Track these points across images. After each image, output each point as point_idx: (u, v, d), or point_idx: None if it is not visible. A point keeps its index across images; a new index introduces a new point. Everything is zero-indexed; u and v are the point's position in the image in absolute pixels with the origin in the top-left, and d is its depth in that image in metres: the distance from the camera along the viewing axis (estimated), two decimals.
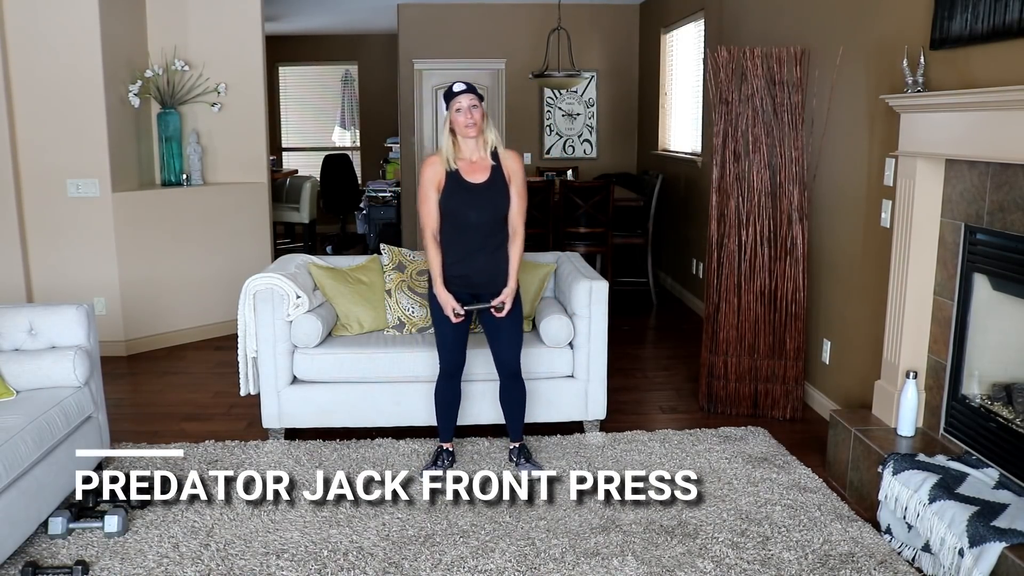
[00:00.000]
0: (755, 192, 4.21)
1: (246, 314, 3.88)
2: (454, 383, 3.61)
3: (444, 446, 3.68)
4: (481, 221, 3.39)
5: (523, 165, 3.52)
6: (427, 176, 3.42)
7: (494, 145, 3.44)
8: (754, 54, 4.16)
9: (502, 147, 3.46)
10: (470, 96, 3.34)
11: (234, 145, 5.90)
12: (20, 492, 2.81)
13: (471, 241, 3.42)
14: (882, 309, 3.60)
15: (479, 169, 3.41)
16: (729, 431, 4.06)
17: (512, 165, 3.44)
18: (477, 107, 3.35)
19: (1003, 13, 2.86)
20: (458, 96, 3.34)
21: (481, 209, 3.39)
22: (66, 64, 5.06)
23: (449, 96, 3.37)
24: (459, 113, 3.34)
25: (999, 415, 3.04)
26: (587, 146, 8.89)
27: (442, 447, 3.68)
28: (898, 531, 2.99)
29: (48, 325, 3.40)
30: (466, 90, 3.35)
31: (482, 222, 3.39)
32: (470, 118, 3.33)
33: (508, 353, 3.57)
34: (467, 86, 3.38)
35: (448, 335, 3.51)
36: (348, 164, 10.37)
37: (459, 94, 3.34)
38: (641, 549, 2.96)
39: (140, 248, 5.40)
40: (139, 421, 4.27)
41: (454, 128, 3.37)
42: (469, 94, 3.35)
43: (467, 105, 3.33)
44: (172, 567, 2.84)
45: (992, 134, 2.87)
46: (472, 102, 3.34)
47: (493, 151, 3.43)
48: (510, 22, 8.54)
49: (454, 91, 3.36)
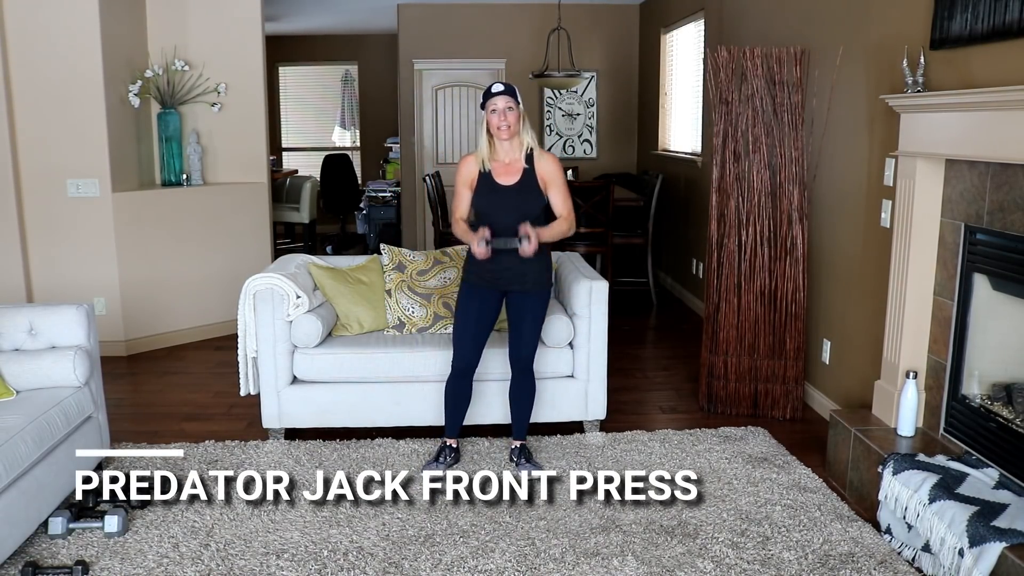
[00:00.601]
0: (755, 192, 4.21)
1: (246, 314, 3.88)
2: (467, 381, 3.60)
3: (448, 442, 3.67)
4: (509, 223, 3.38)
5: (559, 164, 3.51)
6: (462, 174, 3.49)
7: (529, 147, 3.44)
8: (754, 54, 4.16)
9: (538, 149, 3.47)
10: (506, 98, 3.35)
11: (234, 145, 5.90)
12: (20, 492, 2.81)
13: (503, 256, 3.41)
14: (882, 309, 3.60)
15: (512, 172, 3.43)
16: (729, 431, 4.06)
17: (547, 167, 3.45)
18: (513, 110, 3.36)
19: (1003, 13, 2.86)
20: (494, 97, 3.36)
21: (509, 212, 3.40)
22: (66, 64, 5.06)
23: (487, 96, 3.39)
24: (494, 114, 3.36)
25: (999, 415, 3.04)
26: (587, 146, 8.89)
27: (446, 443, 3.67)
28: (898, 531, 2.99)
29: (48, 325, 3.40)
30: (503, 91, 3.36)
31: (510, 224, 3.38)
32: (503, 120, 3.35)
33: (526, 347, 3.55)
34: (505, 87, 3.38)
35: (470, 327, 3.51)
36: (348, 164, 10.37)
37: (496, 95, 3.36)
38: (641, 549, 2.96)
39: (140, 248, 5.40)
40: (139, 421, 4.27)
41: (489, 129, 3.40)
42: (505, 96, 3.35)
43: (502, 107, 3.35)
44: (172, 567, 2.84)
45: (992, 134, 2.87)
46: (508, 104, 3.35)
47: (528, 153, 3.44)
48: (510, 22, 8.54)
49: (491, 92, 3.37)
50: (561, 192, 3.47)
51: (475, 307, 3.52)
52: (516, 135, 3.42)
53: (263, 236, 6.04)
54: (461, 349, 3.55)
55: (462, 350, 3.55)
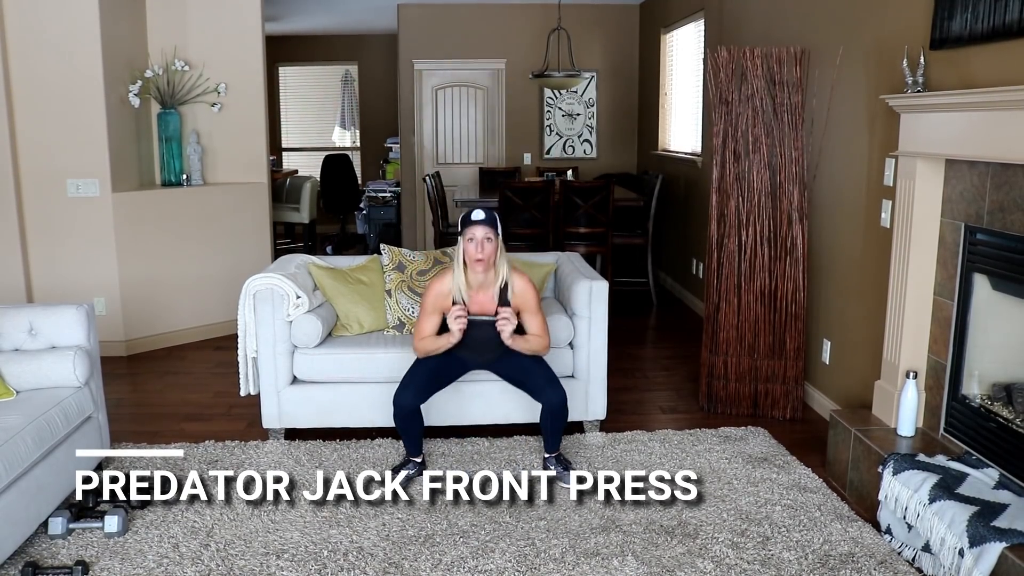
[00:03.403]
0: (755, 192, 4.21)
1: (246, 314, 3.88)
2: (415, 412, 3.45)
3: (413, 459, 3.57)
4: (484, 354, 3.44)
5: (535, 291, 3.43)
6: (433, 297, 3.39)
7: (504, 280, 3.37)
8: (754, 54, 4.16)
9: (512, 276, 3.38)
10: (485, 228, 3.24)
11: (234, 145, 5.90)
12: (20, 492, 2.81)
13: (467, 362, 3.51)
14: (882, 309, 3.60)
15: (486, 303, 3.37)
16: (729, 431, 4.06)
17: (522, 298, 3.38)
18: (491, 241, 3.25)
19: (1003, 13, 2.86)
20: (473, 226, 3.25)
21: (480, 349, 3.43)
22: (66, 64, 5.06)
23: (465, 223, 3.28)
24: (471, 243, 3.26)
25: (999, 415, 3.04)
26: (587, 146, 8.89)
27: (411, 460, 3.57)
28: (898, 531, 2.99)
29: (48, 325, 3.40)
30: (483, 220, 3.25)
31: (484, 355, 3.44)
32: (480, 251, 3.25)
33: (553, 390, 3.41)
34: (486, 216, 3.26)
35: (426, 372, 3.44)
36: (348, 164, 10.37)
37: (475, 224, 3.25)
38: (641, 549, 2.96)
39: (140, 248, 5.40)
40: (139, 421, 4.27)
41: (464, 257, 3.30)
42: (484, 226, 3.24)
43: (480, 237, 3.24)
44: (172, 567, 2.84)
45: (992, 134, 2.87)
46: (487, 235, 3.24)
47: (503, 286, 3.37)
48: (510, 22, 8.54)
49: (471, 219, 3.26)
50: (536, 318, 3.42)
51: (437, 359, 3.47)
52: (491, 267, 3.32)
53: (263, 236, 6.04)
54: (404, 392, 3.40)
55: (414, 388, 3.41)
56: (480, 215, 3.27)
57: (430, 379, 3.47)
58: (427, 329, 3.42)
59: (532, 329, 3.44)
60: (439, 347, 3.40)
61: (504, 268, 3.37)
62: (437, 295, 3.39)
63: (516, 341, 3.39)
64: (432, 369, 3.47)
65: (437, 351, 3.42)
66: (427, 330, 3.42)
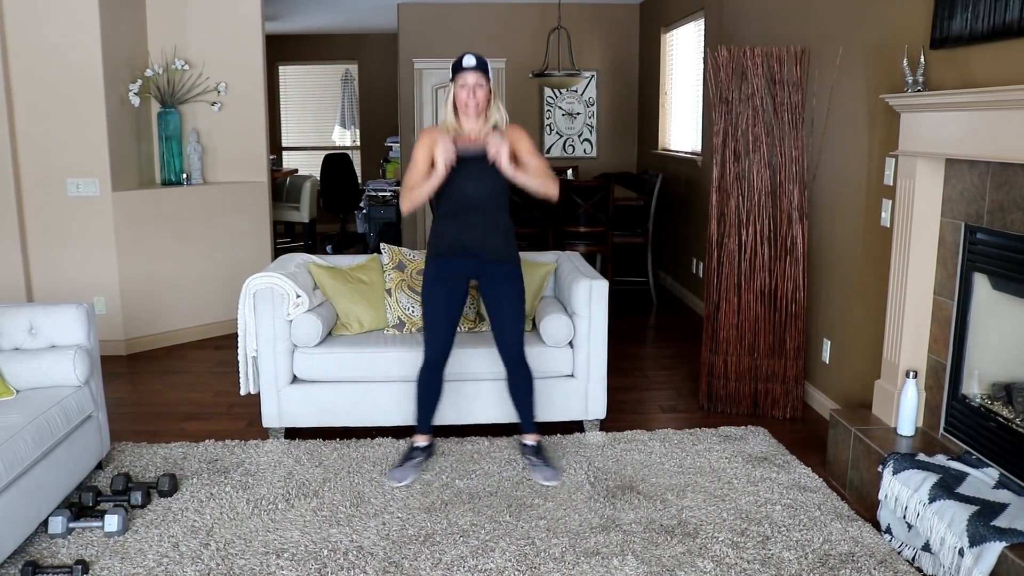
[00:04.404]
0: (755, 192, 4.21)
1: (246, 313, 3.88)
2: (438, 374, 3.45)
3: (420, 443, 3.57)
4: (478, 194, 3.23)
5: (527, 134, 3.32)
6: (423, 144, 3.24)
7: (496, 123, 3.27)
8: (754, 54, 4.16)
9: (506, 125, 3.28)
10: (476, 74, 3.16)
11: (234, 144, 5.90)
12: (20, 491, 2.81)
13: (467, 217, 3.28)
14: (882, 309, 3.60)
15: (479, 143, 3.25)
16: (729, 431, 4.06)
17: (514, 136, 3.25)
18: (483, 87, 3.18)
19: (1003, 13, 2.86)
20: (464, 72, 3.16)
21: (477, 181, 3.21)
22: (66, 64, 5.06)
23: (456, 69, 3.20)
24: (462, 90, 3.18)
25: (999, 415, 3.04)
26: (587, 145, 8.89)
27: (416, 445, 3.57)
28: (898, 531, 2.99)
29: (48, 324, 3.40)
30: (474, 66, 3.17)
31: (479, 195, 3.23)
32: (472, 97, 3.17)
33: (511, 334, 3.39)
34: (477, 61, 3.18)
35: (440, 313, 3.36)
36: (348, 164, 10.36)
37: (466, 70, 3.16)
38: (641, 549, 2.96)
39: (140, 248, 5.40)
40: (139, 421, 4.27)
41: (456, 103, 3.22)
42: (476, 72, 3.16)
43: (472, 83, 3.17)
44: (172, 567, 2.84)
45: (992, 134, 2.87)
46: (478, 80, 3.17)
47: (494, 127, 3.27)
48: (510, 22, 8.54)
49: (462, 65, 3.18)
50: (532, 152, 3.26)
51: (442, 292, 3.36)
52: (484, 113, 3.23)
53: (263, 235, 6.04)
54: (434, 337, 3.36)
55: (435, 338, 3.36)
56: (471, 60, 3.18)
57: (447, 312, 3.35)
58: (415, 178, 3.24)
59: (534, 167, 3.26)
60: (424, 190, 3.20)
61: (497, 114, 3.26)
62: (428, 143, 3.22)
63: (519, 173, 3.20)
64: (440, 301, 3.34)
65: (423, 195, 3.22)
66: (414, 180, 3.24)
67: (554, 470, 3.50)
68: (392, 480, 3.43)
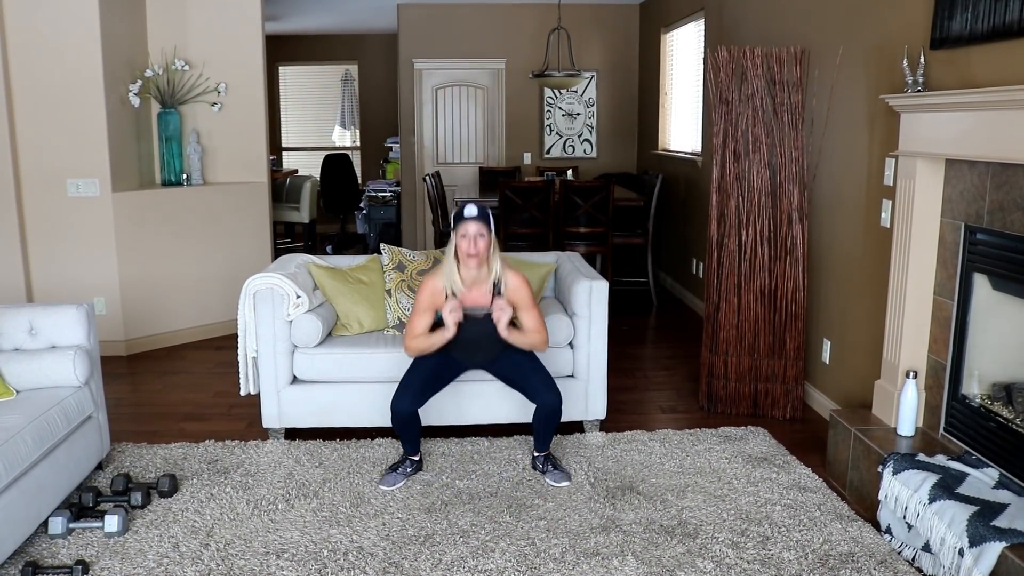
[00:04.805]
0: (755, 192, 4.21)
1: (246, 314, 3.88)
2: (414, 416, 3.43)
3: (411, 457, 3.56)
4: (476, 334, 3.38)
5: (527, 285, 3.43)
6: (425, 296, 3.38)
7: (497, 276, 3.38)
8: (754, 54, 4.16)
9: (506, 272, 3.39)
10: (478, 225, 3.26)
11: (234, 145, 5.91)
12: (20, 492, 2.81)
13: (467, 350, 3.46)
14: (882, 309, 3.60)
15: (480, 298, 3.37)
16: (729, 431, 4.06)
17: (515, 293, 3.38)
18: (484, 236, 3.27)
19: (1003, 13, 2.86)
20: (466, 222, 3.26)
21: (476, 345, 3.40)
22: (66, 64, 5.06)
23: (457, 219, 3.30)
24: (464, 240, 3.28)
25: (999, 415, 3.04)
26: (587, 146, 8.89)
27: (408, 458, 3.56)
28: (898, 531, 2.99)
29: (48, 325, 3.40)
30: (476, 217, 3.27)
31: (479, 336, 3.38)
32: (474, 247, 3.26)
33: (548, 393, 3.41)
34: (479, 212, 3.28)
35: (423, 374, 3.43)
36: (348, 164, 10.38)
37: (467, 220, 3.26)
38: (641, 549, 2.96)
39: (140, 248, 5.40)
40: (139, 421, 4.27)
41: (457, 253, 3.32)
42: (477, 222, 3.26)
43: (473, 233, 3.26)
44: (172, 567, 2.84)
45: (992, 134, 2.87)
46: (479, 231, 3.26)
47: (496, 282, 3.38)
48: (510, 22, 8.54)
49: (463, 215, 3.28)
50: (532, 313, 3.41)
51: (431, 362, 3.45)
52: (484, 263, 3.33)
53: (263, 236, 6.04)
54: (401, 397, 3.38)
55: (412, 390, 3.39)
56: (473, 211, 3.28)
57: (427, 382, 3.46)
58: (419, 327, 3.41)
59: (528, 325, 3.43)
60: (433, 344, 3.39)
61: (497, 264, 3.37)
62: (431, 292, 3.38)
63: (512, 334, 3.37)
64: (429, 371, 3.46)
65: (431, 348, 3.40)
66: (419, 328, 3.41)
67: (564, 472, 3.52)
68: (382, 484, 3.44)
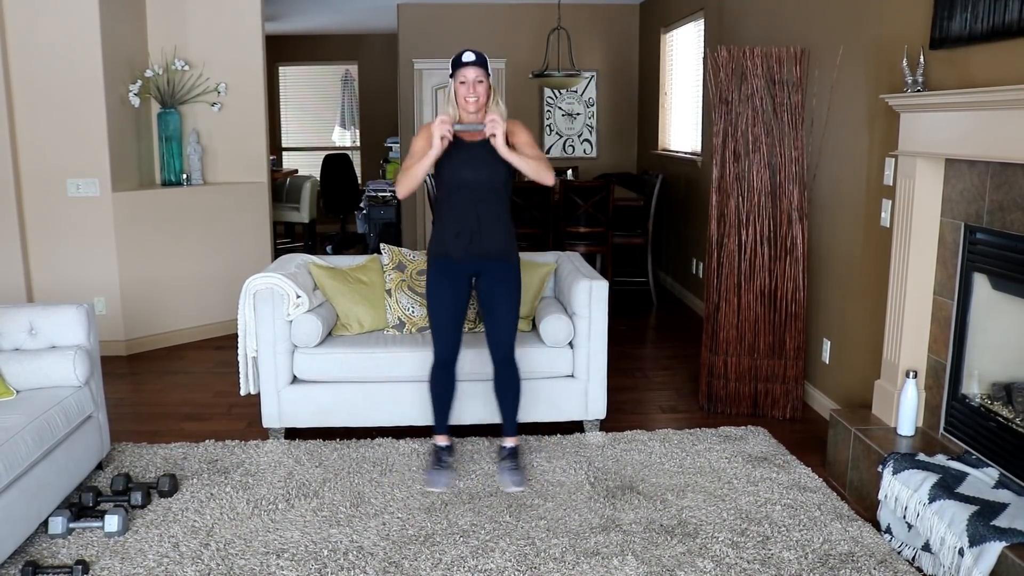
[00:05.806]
0: (755, 192, 4.21)
1: (246, 314, 3.88)
2: (450, 372, 3.47)
3: (441, 442, 3.59)
4: (477, 180, 3.22)
5: (527, 128, 3.32)
6: (422, 135, 3.24)
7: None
8: (754, 54, 4.16)
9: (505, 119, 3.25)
10: (476, 70, 3.17)
11: (234, 145, 5.91)
12: (20, 492, 2.82)
13: (466, 205, 3.26)
14: (882, 309, 3.60)
15: (478, 135, 3.25)
16: (729, 431, 4.06)
17: (514, 127, 3.26)
18: (483, 82, 3.18)
19: (1003, 13, 2.86)
20: (464, 67, 3.17)
21: (476, 168, 3.21)
22: (66, 64, 5.07)
23: (456, 65, 3.20)
24: (463, 85, 3.19)
25: (999, 415, 3.04)
26: (587, 146, 8.89)
27: (439, 445, 3.59)
28: (898, 531, 2.99)
29: (48, 325, 3.40)
30: (474, 62, 3.17)
31: (478, 182, 3.22)
32: (472, 92, 3.18)
33: (505, 335, 3.39)
34: (476, 57, 3.18)
35: (445, 313, 3.37)
36: (348, 164, 10.37)
37: (466, 65, 3.17)
38: (641, 549, 2.96)
39: (140, 248, 5.40)
40: (139, 421, 4.27)
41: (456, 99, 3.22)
42: (476, 67, 3.17)
43: (472, 79, 3.17)
44: (172, 567, 2.84)
45: (992, 134, 2.87)
46: (478, 76, 3.17)
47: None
48: (510, 22, 8.54)
49: (461, 60, 3.18)
50: (530, 144, 3.26)
51: (446, 291, 3.36)
52: (483, 109, 3.23)
53: (263, 236, 6.04)
54: (441, 337, 3.39)
55: (443, 338, 3.39)
56: (471, 56, 3.19)
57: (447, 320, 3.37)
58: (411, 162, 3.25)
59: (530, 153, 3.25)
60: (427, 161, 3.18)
61: (497, 110, 3.25)
62: (427, 135, 3.22)
63: (512, 154, 3.18)
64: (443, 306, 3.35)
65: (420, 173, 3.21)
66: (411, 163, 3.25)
67: (523, 477, 3.47)
68: (429, 487, 3.40)
